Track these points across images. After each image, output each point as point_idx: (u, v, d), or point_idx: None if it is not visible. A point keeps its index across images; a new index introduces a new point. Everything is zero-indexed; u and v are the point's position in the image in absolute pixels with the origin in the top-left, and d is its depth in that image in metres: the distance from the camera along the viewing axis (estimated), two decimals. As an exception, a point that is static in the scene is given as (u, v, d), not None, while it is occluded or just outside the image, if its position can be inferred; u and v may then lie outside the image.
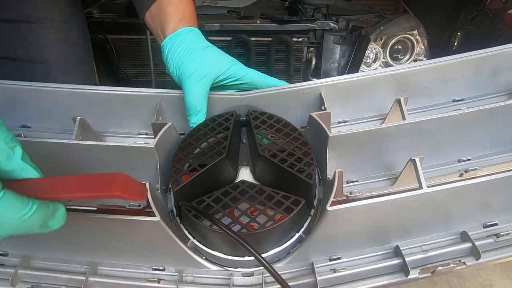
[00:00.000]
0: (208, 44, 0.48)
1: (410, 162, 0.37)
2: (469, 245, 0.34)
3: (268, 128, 0.43)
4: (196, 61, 0.45)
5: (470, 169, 0.40)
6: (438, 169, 0.42)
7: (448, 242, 0.35)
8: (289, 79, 0.92)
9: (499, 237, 0.34)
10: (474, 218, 0.36)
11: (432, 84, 0.45)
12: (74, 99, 0.47)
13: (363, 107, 0.47)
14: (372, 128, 0.40)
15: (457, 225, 0.36)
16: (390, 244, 0.36)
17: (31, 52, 0.58)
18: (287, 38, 0.88)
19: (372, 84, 0.45)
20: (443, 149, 0.42)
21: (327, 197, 0.37)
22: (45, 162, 0.42)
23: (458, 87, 0.46)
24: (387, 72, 0.44)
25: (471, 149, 0.41)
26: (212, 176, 0.40)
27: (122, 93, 0.47)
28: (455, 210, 0.35)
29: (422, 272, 0.33)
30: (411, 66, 0.44)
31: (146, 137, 0.48)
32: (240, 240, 0.31)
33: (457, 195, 0.34)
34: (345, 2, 1.07)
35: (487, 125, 0.40)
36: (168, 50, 0.47)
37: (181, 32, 0.47)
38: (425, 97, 0.46)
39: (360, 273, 0.34)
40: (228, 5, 1.03)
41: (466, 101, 0.46)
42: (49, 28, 0.58)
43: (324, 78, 0.44)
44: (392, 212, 0.35)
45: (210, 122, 0.45)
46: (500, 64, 0.44)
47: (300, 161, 0.38)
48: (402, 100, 0.42)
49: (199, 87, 0.44)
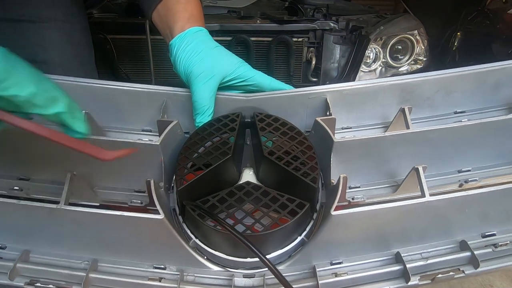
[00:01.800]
0: (216, 44, 0.48)
1: (413, 171, 0.37)
2: (468, 254, 0.35)
3: (273, 131, 0.43)
4: (205, 61, 0.45)
5: (470, 179, 0.41)
6: (438, 178, 0.43)
7: (447, 250, 0.36)
8: (289, 79, 0.92)
9: (497, 247, 0.35)
10: (473, 227, 0.37)
11: (435, 95, 0.46)
12: (78, 93, 0.46)
13: (367, 114, 0.48)
14: (376, 135, 0.40)
15: (456, 234, 0.37)
16: (391, 250, 0.37)
17: (34, 52, 0.57)
18: (287, 38, 0.88)
19: (377, 92, 0.46)
20: (444, 159, 0.42)
21: (330, 201, 0.37)
22: (47, 156, 0.42)
23: (460, 99, 0.47)
24: (392, 82, 0.45)
25: (471, 160, 0.43)
26: (216, 176, 0.40)
27: (128, 89, 0.47)
28: (456, 219, 0.36)
29: (422, 279, 0.34)
30: (416, 76, 0.45)
31: (150, 134, 0.48)
32: (246, 241, 0.32)
33: (458, 204, 0.35)
34: (345, 2, 1.07)
35: (487, 138, 0.41)
36: (176, 50, 0.47)
37: (190, 31, 0.47)
38: (428, 107, 0.47)
39: (361, 278, 0.35)
40: (228, 5, 1.02)
41: (468, 113, 0.47)
42: (52, 28, 0.58)
43: (324, 78, 0.44)
44: (394, 219, 0.35)
45: (215, 122, 0.45)
46: (502, 79, 0.45)
47: (304, 165, 0.39)
48: (407, 110, 0.42)
49: (207, 87, 0.44)
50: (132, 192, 0.43)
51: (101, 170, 0.42)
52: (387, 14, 0.98)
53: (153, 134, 0.48)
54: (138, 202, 0.42)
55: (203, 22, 0.50)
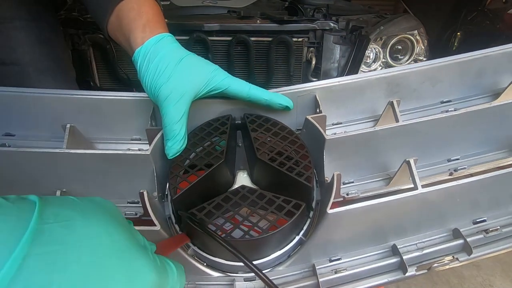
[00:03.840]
0: (182, 54, 0.41)
1: (405, 164, 0.38)
2: (461, 241, 0.36)
3: (265, 132, 0.43)
4: (172, 81, 0.39)
5: (459, 168, 0.42)
6: (429, 168, 0.44)
7: (441, 239, 0.37)
8: (289, 79, 0.92)
9: (488, 232, 0.36)
10: (465, 215, 0.38)
11: (422, 86, 0.47)
12: (62, 105, 0.45)
13: (356, 109, 0.48)
14: (367, 130, 0.41)
15: (449, 223, 0.38)
16: (388, 243, 0.37)
17: (3, 54, 0.55)
18: (287, 38, 0.87)
19: (364, 86, 0.46)
20: (433, 149, 0.43)
21: (326, 199, 0.37)
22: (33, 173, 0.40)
23: (446, 89, 0.48)
24: (378, 75, 0.46)
25: (459, 148, 0.44)
26: (211, 182, 0.39)
27: (113, 98, 0.45)
28: (447, 208, 0.37)
29: (419, 269, 0.34)
30: (401, 69, 0.46)
31: (140, 143, 0.47)
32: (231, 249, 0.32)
33: (449, 194, 0.36)
34: (345, 2, 1.07)
35: (473, 126, 0.42)
36: (139, 69, 0.41)
37: (148, 44, 0.40)
38: (415, 99, 0.48)
39: (360, 273, 0.35)
40: (228, 5, 1.01)
41: (453, 103, 0.48)
42: (18, 27, 0.55)
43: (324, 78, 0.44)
44: (389, 212, 0.36)
45: (206, 126, 0.44)
46: (484, 67, 0.46)
47: (298, 165, 0.39)
48: (395, 103, 0.43)
49: (176, 109, 0.39)
50: (125, 203, 0.42)
51: (94, 183, 0.41)
52: (387, 14, 0.98)
53: (142, 142, 0.47)
54: (132, 213, 0.41)
55: (164, 24, 0.43)
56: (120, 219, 0.26)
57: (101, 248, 0.22)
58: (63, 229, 0.21)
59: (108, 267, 0.22)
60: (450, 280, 1.00)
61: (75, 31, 0.85)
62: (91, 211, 0.23)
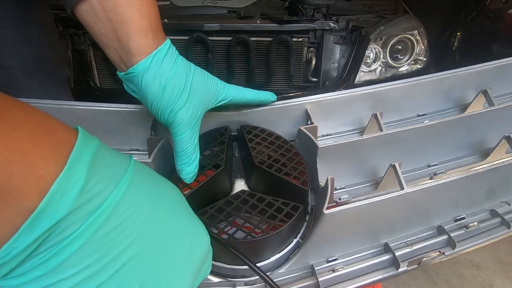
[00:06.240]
0: (190, 68, 0.37)
1: (391, 167, 0.42)
2: (445, 237, 0.39)
3: (261, 141, 0.46)
4: (189, 103, 0.36)
5: (438, 172, 0.46)
6: (411, 174, 0.48)
7: (428, 235, 0.40)
8: (289, 79, 0.90)
9: (468, 228, 0.39)
10: (447, 213, 0.41)
11: (401, 101, 0.52)
12: (61, 116, 0.45)
13: (343, 121, 0.52)
14: (355, 139, 0.45)
15: (434, 220, 0.41)
16: (380, 241, 0.40)
17: None
18: (287, 38, 0.86)
19: (351, 101, 0.51)
20: (414, 156, 0.48)
21: (321, 202, 0.40)
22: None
23: (421, 104, 0.53)
24: (363, 91, 0.50)
25: (437, 155, 0.48)
26: (211, 188, 0.41)
27: (112, 109, 0.47)
28: (431, 207, 0.40)
29: (410, 264, 0.37)
30: (383, 86, 0.51)
31: (139, 153, 0.48)
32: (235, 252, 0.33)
33: (431, 193, 0.39)
34: (345, 2, 1.07)
35: (447, 135, 0.47)
36: (143, 86, 0.34)
37: (158, 57, 0.34)
38: (395, 112, 0.53)
39: (356, 271, 0.37)
40: (228, 5, 1.00)
41: (428, 116, 0.54)
42: (4, 28, 0.53)
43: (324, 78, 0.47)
44: (379, 212, 0.39)
45: (205, 136, 0.46)
46: (453, 84, 0.53)
47: (294, 170, 0.41)
48: (378, 114, 0.47)
49: (193, 132, 0.37)
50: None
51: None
52: (387, 14, 0.98)
53: (141, 153, 0.48)
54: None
55: (161, 26, 0.36)
56: None
57: (176, 202, 0.27)
58: (151, 177, 0.26)
59: (183, 215, 0.26)
60: (450, 280, 0.97)
61: (75, 31, 0.82)
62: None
